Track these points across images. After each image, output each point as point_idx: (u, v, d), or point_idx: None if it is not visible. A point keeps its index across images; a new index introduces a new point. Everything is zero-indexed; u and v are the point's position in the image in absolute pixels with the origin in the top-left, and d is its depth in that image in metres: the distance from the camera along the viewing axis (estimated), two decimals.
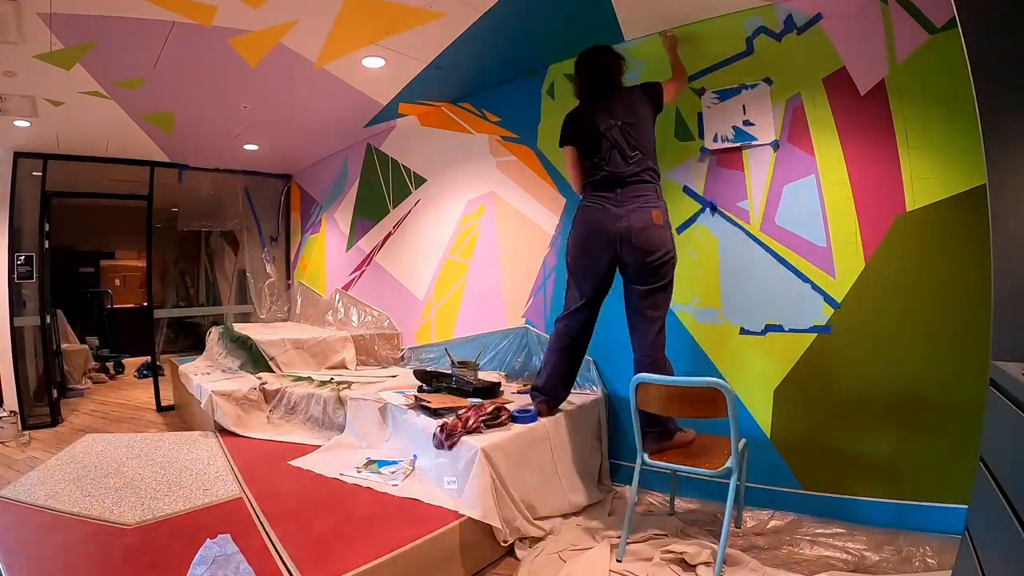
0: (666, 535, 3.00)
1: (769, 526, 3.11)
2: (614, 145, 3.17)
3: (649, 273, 3.10)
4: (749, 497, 3.27)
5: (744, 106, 3.43)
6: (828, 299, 3.12)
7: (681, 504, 3.46)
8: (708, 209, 3.53)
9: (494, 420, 3.24)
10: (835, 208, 3.11)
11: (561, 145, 3.43)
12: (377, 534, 2.62)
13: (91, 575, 2.46)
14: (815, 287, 3.16)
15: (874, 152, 3.02)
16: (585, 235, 3.23)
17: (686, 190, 3.62)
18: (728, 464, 2.60)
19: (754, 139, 3.39)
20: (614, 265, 3.21)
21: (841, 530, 2.96)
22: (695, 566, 2.64)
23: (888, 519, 2.92)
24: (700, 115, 3.57)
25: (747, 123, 3.42)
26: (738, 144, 3.44)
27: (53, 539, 2.79)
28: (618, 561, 2.79)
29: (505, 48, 4.03)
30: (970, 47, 1.52)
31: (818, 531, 3.00)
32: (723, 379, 3.30)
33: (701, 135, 3.57)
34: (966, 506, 1.79)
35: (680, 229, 3.61)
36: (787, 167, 3.27)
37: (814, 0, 3.19)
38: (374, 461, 3.53)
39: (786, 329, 3.25)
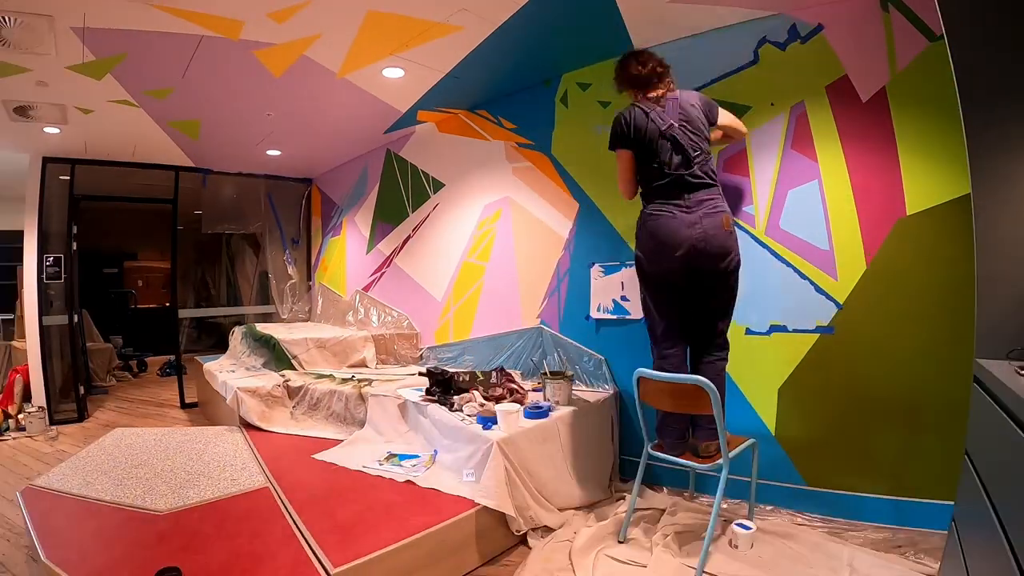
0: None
1: (772, 520, 3.22)
2: (676, 147, 2.94)
3: (721, 279, 2.97)
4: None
5: (623, 283, 3.98)
6: (831, 300, 3.21)
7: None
8: None
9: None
10: (837, 212, 3.20)
11: (612, 148, 3.16)
12: (398, 520, 2.76)
13: (126, 556, 2.56)
14: (818, 289, 3.25)
15: (875, 157, 3.10)
16: (658, 246, 2.96)
17: None
18: (719, 461, 2.72)
19: (628, 313, 3.96)
20: (691, 275, 2.94)
21: (843, 526, 3.08)
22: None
23: (889, 516, 3.01)
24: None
25: (624, 299, 3.98)
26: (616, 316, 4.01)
27: (88, 524, 2.90)
28: (620, 542, 2.97)
29: (520, 59, 4.15)
30: (955, 58, 1.60)
31: (818, 526, 3.12)
32: (730, 377, 3.44)
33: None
34: None
35: None
36: (791, 172, 3.36)
37: (817, 10, 3.27)
38: (395, 455, 3.66)
39: (790, 330, 3.34)
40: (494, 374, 4.07)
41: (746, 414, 3.47)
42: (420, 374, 4.62)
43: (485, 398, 3.73)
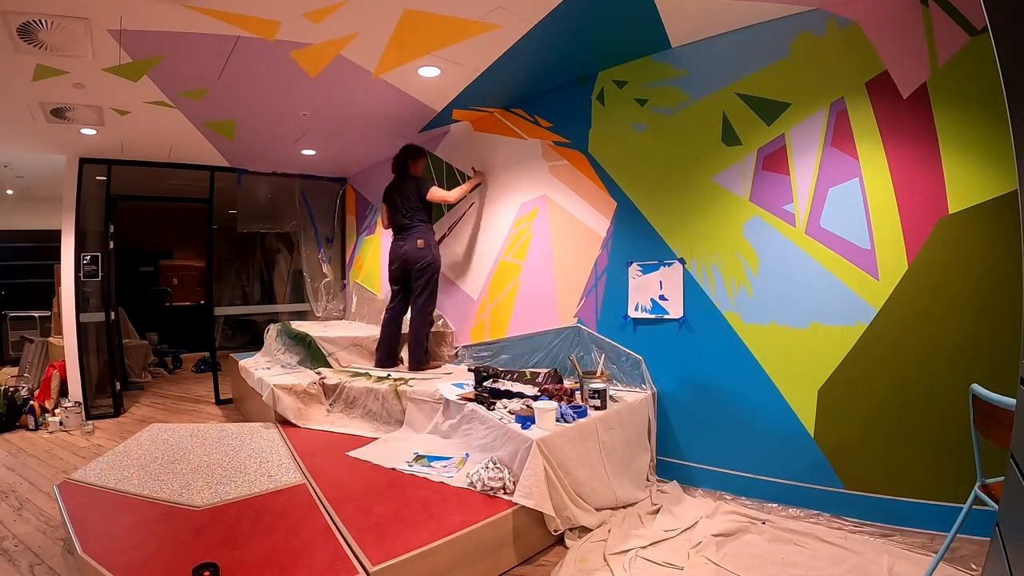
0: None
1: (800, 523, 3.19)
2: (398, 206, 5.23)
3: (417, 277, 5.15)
4: (788, 495, 3.37)
5: (661, 281, 3.99)
6: (872, 301, 3.15)
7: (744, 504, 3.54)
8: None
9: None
10: (878, 211, 3.14)
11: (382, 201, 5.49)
12: (435, 519, 2.76)
13: (163, 550, 2.57)
14: (859, 289, 3.19)
15: (917, 154, 3.04)
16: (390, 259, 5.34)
17: (734, 194, 3.68)
18: None
19: (666, 312, 3.95)
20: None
21: (882, 530, 3.03)
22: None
23: (929, 521, 2.96)
24: (746, 122, 3.63)
25: (663, 298, 3.98)
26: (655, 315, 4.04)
27: (125, 518, 2.92)
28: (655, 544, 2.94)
29: (556, 56, 4.13)
30: (1000, 51, 1.55)
31: (856, 531, 3.07)
32: (769, 378, 3.40)
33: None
34: None
35: (729, 232, 3.69)
36: (832, 170, 3.30)
37: (855, 5, 3.23)
38: (423, 456, 3.66)
39: (831, 330, 3.29)
40: (542, 374, 4.06)
41: (784, 415, 3.43)
42: (469, 370, 4.68)
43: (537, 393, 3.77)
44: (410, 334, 5.25)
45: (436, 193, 5.18)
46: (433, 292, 5.22)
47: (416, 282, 5.16)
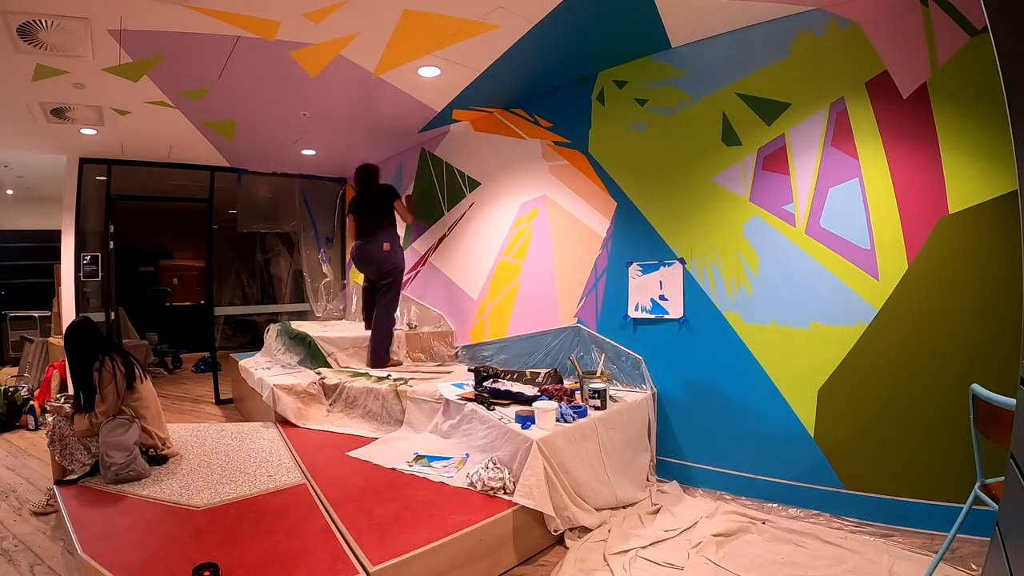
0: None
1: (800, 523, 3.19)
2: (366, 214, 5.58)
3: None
4: (788, 495, 3.36)
5: (661, 281, 3.98)
6: (872, 301, 3.15)
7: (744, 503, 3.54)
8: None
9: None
10: (878, 211, 3.14)
11: (347, 213, 6.31)
12: (435, 519, 2.76)
13: (163, 551, 2.56)
14: (859, 289, 3.19)
15: (917, 154, 3.04)
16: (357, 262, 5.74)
17: (734, 194, 3.68)
18: None
19: (666, 312, 3.95)
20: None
21: (882, 530, 3.03)
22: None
23: (929, 521, 2.96)
24: (747, 122, 3.63)
25: (663, 298, 3.98)
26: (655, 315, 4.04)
27: (125, 519, 2.92)
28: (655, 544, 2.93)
29: (556, 56, 4.14)
30: (1000, 51, 1.55)
31: (855, 531, 3.06)
32: (769, 378, 3.41)
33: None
34: None
35: (729, 232, 3.69)
36: (832, 170, 3.30)
37: (855, 5, 3.23)
38: (423, 456, 3.66)
39: (830, 330, 3.29)
40: (542, 374, 4.06)
41: (784, 415, 3.43)
42: (469, 370, 4.67)
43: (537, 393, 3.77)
44: (373, 332, 5.43)
45: (401, 205, 5.75)
46: (397, 293, 5.53)
47: (381, 282, 5.47)
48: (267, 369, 5.43)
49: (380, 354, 5.33)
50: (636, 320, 4.14)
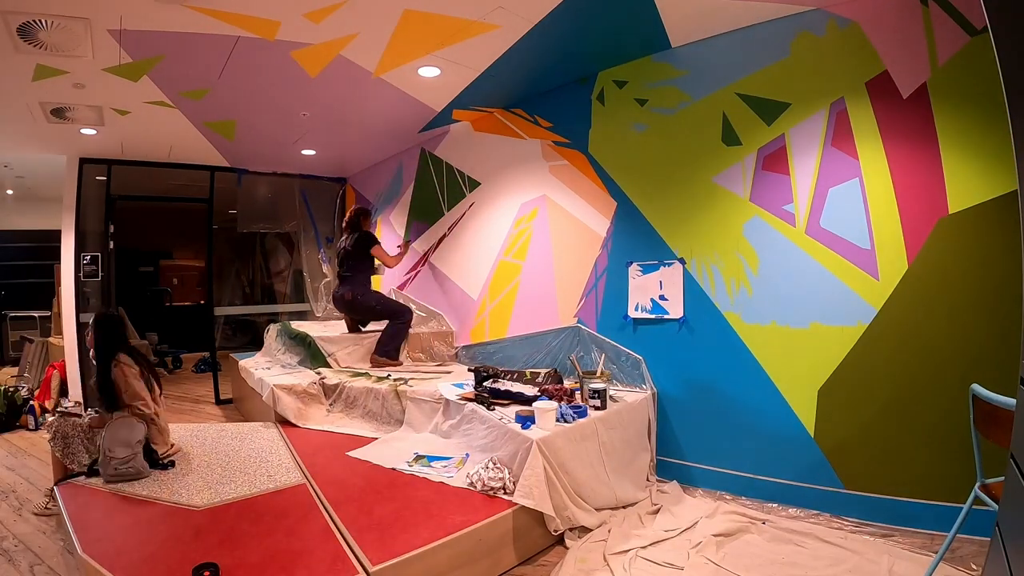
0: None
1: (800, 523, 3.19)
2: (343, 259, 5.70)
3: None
4: (788, 495, 3.36)
5: (661, 281, 3.98)
6: (872, 301, 3.15)
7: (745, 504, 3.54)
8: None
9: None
10: (878, 210, 3.14)
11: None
12: (435, 519, 2.76)
13: (163, 550, 2.56)
14: (859, 289, 3.19)
15: (917, 154, 3.04)
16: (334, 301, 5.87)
17: (734, 194, 3.68)
18: None
19: (666, 312, 3.95)
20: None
21: (882, 530, 3.02)
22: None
23: (929, 521, 2.95)
24: (747, 122, 3.63)
25: (663, 298, 3.98)
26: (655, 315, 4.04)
27: (124, 518, 2.92)
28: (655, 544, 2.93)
29: (556, 56, 4.13)
30: (1000, 51, 1.55)
31: (855, 531, 3.06)
32: (769, 378, 3.41)
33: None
34: None
35: (729, 232, 3.69)
36: (832, 170, 3.30)
37: (855, 5, 3.23)
38: (423, 456, 3.66)
39: (830, 330, 3.29)
40: (542, 374, 4.06)
41: (784, 415, 3.43)
42: (469, 370, 4.66)
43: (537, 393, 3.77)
44: (385, 329, 5.50)
45: (379, 251, 5.69)
46: (391, 311, 5.59)
47: (367, 317, 5.83)
48: (267, 369, 5.43)
49: (388, 348, 5.39)
50: (636, 320, 4.14)
